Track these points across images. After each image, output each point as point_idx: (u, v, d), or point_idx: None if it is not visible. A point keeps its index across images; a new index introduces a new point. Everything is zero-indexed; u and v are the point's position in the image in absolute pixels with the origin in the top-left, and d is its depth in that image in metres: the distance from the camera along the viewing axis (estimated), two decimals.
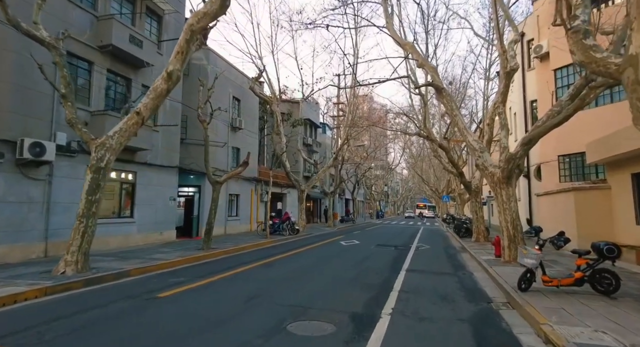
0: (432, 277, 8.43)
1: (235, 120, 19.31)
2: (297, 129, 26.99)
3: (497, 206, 10.11)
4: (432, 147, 19.03)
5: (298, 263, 10.28)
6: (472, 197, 17.07)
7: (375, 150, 44.17)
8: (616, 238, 10.19)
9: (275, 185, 24.96)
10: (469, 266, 10.17)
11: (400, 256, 11.96)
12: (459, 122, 11.28)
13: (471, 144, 10.87)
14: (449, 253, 13.21)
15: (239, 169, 13.09)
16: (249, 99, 21.30)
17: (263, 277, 8.09)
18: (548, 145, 14.37)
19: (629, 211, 9.93)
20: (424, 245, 15.86)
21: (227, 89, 19.15)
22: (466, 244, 15.00)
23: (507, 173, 9.77)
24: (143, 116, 8.05)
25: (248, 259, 10.77)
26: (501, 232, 10.00)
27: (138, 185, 12.98)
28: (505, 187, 9.90)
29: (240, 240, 15.48)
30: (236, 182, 19.72)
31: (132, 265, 8.65)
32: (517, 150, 9.58)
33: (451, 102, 11.48)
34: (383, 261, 10.92)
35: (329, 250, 13.60)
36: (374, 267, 9.61)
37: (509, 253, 9.63)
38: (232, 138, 19.44)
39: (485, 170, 10.41)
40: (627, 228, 10.13)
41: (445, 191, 42.32)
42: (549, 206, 14.04)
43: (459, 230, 19.71)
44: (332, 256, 12.04)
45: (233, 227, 19.26)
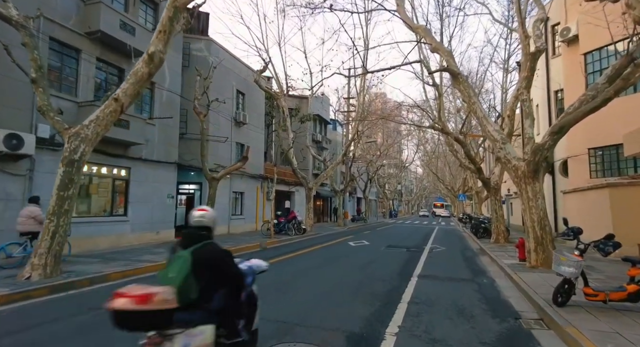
0: (447, 285, 7.37)
1: (239, 114, 18.51)
2: (306, 125, 26.07)
3: (522, 204, 8.95)
4: (447, 142, 17.84)
5: (297, 267, 9.35)
6: (490, 195, 15.83)
7: (389, 148, 42.98)
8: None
9: (283, 183, 24.15)
10: (489, 271, 9.04)
11: (412, 259, 10.90)
12: (478, 110, 10.14)
13: (491, 135, 9.73)
14: (466, 256, 12.07)
15: (238, 164, 12.25)
16: (255, 93, 20.48)
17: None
18: (576, 138, 13.06)
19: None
20: (438, 246, 14.72)
21: (230, 82, 18.36)
22: (485, 246, 13.81)
23: (533, 166, 8.61)
24: (122, 103, 7.24)
25: None
26: (526, 234, 8.85)
27: (132, 182, 12.27)
28: (531, 183, 8.74)
29: (241, 240, 14.65)
30: (240, 179, 18.94)
31: (114, 268, 7.87)
32: (545, 141, 8.41)
33: (468, 88, 10.34)
34: (393, 264, 9.89)
35: (334, 251, 12.63)
36: (382, 273, 8.59)
37: (535, 257, 8.48)
38: (236, 133, 18.64)
39: (508, 164, 9.25)
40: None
41: (461, 190, 40.78)
42: (577, 205, 12.73)
43: (476, 230, 18.45)
44: (336, 258, 11.06)
45: (237, 226, 18.47)
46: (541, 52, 9.44)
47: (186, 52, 16.38)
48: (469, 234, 20.92)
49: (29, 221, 7.85)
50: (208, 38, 17.19)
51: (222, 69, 17.75)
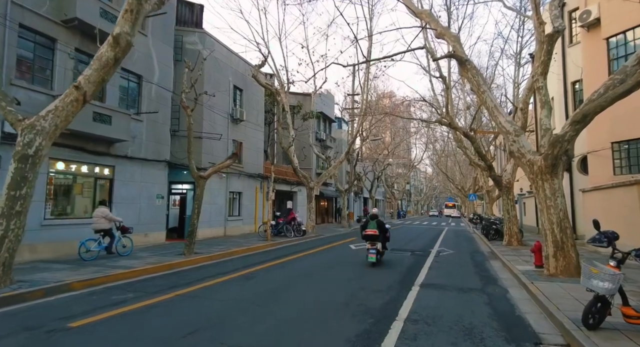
0: (453, 297, 6.41)
1: (236, 110, 17.72)
2: (309, 123, 25.26)
3: (538, 203, 7.93)
4: (456, 138, 16.80)
5: (286, 274, 8.47)
6: (502, 194, 14.75)
7: (397, 147, 41.87)
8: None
9: (284, 182, 23.33)
10: (501, 279, 8.04)
11: (415, 265, 9.93)
12: (488, 100, 9.14)
13: (503, 127, 8.72)
14: (476, 261, 11.05)
15: (227, 162, 11.41)
16: (253, 89, 19.69)
17: (228, 295, 6.32)
18: (597, 132, 11.94)
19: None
20: (446, 249, 13.70)
21: (226, 77, 17.59)
22: (496, 249, 12.75)
23: (551, 161, 7.59)
24: (84, 91, 6.45)
25: (230, 267, 9.05)
26: (543, 237, 7.83)
27: (117, 181, 11.54)
28: (549, 179, 7.72)
29: (235, 243, 13.84)
30: (238, 178, 18.16)
31: (81, 276, 7.09)
32: (565, 131, 7.38)
33: (477, 76, 9.35)
34: (393, 271, 8.94)
35: (332, 256, 11.73)
36: (380, 281, 7.66)
37: (555, 264, 7.45)
38: (233, 130, 17.86)
39: (522, 158, 8.24)
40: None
41: (472, 189, 39.48)
42: (600, 204, 11.61)
43: (487, 232, 17.37)
44: (333, 263, 10.15)
45: (234, 228, 17.69)
46: (559, 32, 8.39)
47: (178, 45, 15.65)
48: (479, 236, 19.81)
49: (101, 220, 9.45)
50: (202, 31, 16.44)
51: (218, 64, 17.02)
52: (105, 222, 9.49)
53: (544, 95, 8.86)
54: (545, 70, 8.85)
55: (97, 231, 9.42)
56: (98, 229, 9.43)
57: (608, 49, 11.59)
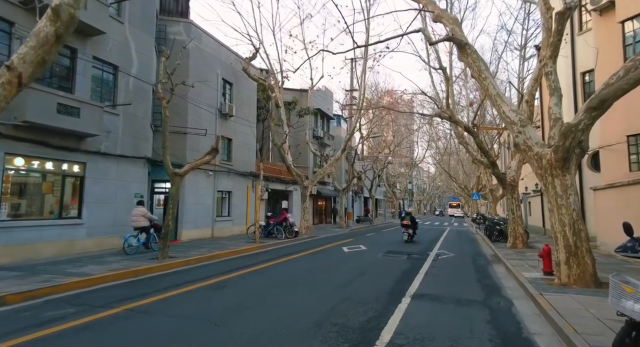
0: (448, 312, 5.47)
1: (225, 105, 16.84)
2: (305, 120, 24.34)
3: (547, 202, 6.97)
4: (456, 132, 15.81)
5: (264, 281, 7.56)
6: (506, 193, 13.76)
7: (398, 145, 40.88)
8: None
9: (280, 181, 22.44)
10: (506, 288, 7.08)
11: (411, 270, 8.99)
12: (490, 87, 8.19)
13: (507, 116, 7.76)
14: (478, 265, 10.09)
15: (206, 158, 10.51)
16: (245, 83, 18.81)
17: (185, 310, 5.41)
18: (611, 124, 10.93)
19: None
20: (446, 252, 12.74)
21: (214, 70, 16.71)
22: (500, 252, 11.78)
23: (562, 153, 6.62)
24: (19, 73, 5.54)
25: (203, 274, 8.15)
26: (554, 240, 6.87)
27: (88, 179, 10.68)
28: (560, 175, 6.76)
29: (220, 245, 12.95)
30: (227, 177, 17.28)
31: (23, 286, 6.22)
32: (579, 119, 6.42)
33: (478, 60, 8.39)
34: (385, 278, 8.00)
35: (321, 260, 10.81)
36: (368, 291, 6.73)
37: (567, 272, 6.49)
38: (222, 127, 16.98)
39: (529, 152, 7.29)
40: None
41: (475, 188, 38.41)
42: (614, 204, 10.61)
43: (490, 232, 16.39)
44: (319, 269, 9.23)
45: (224, 229, 16.82)
46: (572, 9, 7.42)
47: (162, 35, 14.80)
48: (482, 237, 18.82)
49: (140, 219, 10.39)
50: (187, 20, 15.58)
51: (205, 56, 16.16)
52: (144, 221, 10.46)
53: (553, 81, 7.89)
54: (555, 53, 7.88)
55: (136, 229, 10.43)
56: (137, 226, 10.41)
57: (623, 34, 10.57)
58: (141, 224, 10.41)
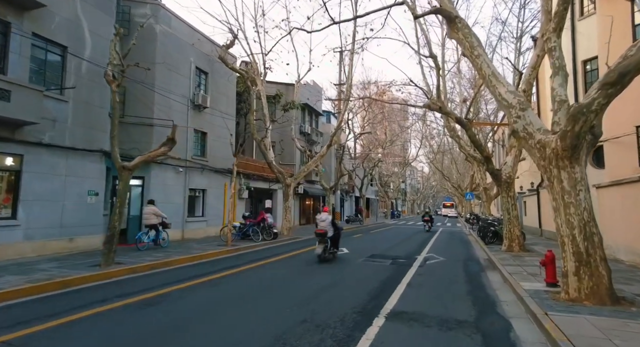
0: (430, 338, 4.25)
1: (198, 96, 15.51)
2: (291, 115, 23.10)
3: (553, 200, 5.78)
4: (447, 126, 14.69)
5: (213, 295, 6.29)
6: (501, 191, 12.62)
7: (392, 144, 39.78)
8: None
9: (262, 179, 21.15)
10: (502, 304, 5.88)
11: (392, 279, 7.78)
12: (484, 66, 7.00)
13: (504, 99, 6.58)
14: (470, 273, 8.90)
15: (161, 150, 9.23)
16: (223, 74, 17.48)
17: (79, 343, 4.14)
18: (616, 114, 9.76)
19: None
20: (435, 256, 11.55)
21: (187, 57, 15.39)
22: (495, 256, 10.63)
23: (571, 140, 5.43)
24: None
25: (145, 285, 6.87)
26: (560, 245, 5.69)
27: (26, 173, 9.32)
28: (568, 167, 5.58)
29: (186, 249, 11.66)
30: (201, 173, 15.96)
31: None
32: (592, 98, 5.22)
33: (470, 36, 7.20)
34: (359, 289, 6.77)
35: (293, 266, 9.56)
36: (335, 306, 5.49)
37: (577, 285, 5.30)
38: (195, 119, 15.67)
39: (530, 140, 6.10)
40: None
41: (469, 188, 37.42)
42: (620, 203, 9.50)
43: (484, 234, 15.24)
44: (287, 277, 7.98)
45: (197, 230, 15.49)
46: None
47: (125, 17, 13.46)
48: (475, 238, 17.69)
49: (152, 217, 11.20)
50: (156, 2, 14.23)
51: (177, 41, 14.84)
52: (155, 219, 11.28)
53: (557, 58, 6.71)
54: (560, 26, 6.70)
55: (147, 226, 11.24)
56: (148, 224, 11.24)
57: (632, 12, 9.46)
58: (152, 222, 11.20)
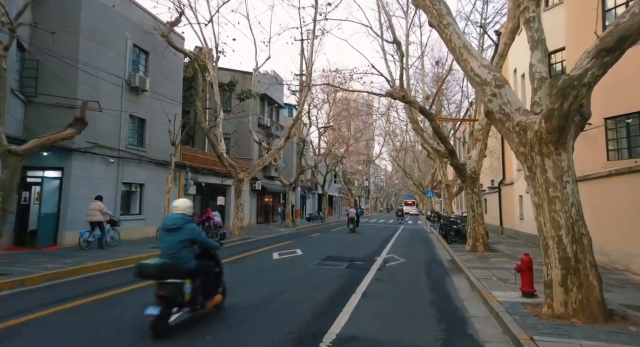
0: None
1: (135, 77, 13.57)
2: (249, 105, 21.44)
3: (534, 195, 4.79)
4: (410, 117, 13.83)
5: (95, 321, 4.76)
6: (466, 187, 11.87)
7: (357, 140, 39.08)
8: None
9: (214, 174, 19.38)
10: (474, 321, 4.81)
11: (345, 288, 6.58)
12: (454, 36, 5.94)
13: (477, 75, 5.54)
14: (434, 277, 7.90)
15: (67, 132, 7.47)
16: (168, 55, 15.56)
17: None
18: None
19: None
20: (396, 257, 10.56)
21: (122, 32, 13.40)
22: (459, 257, 9.78)
23: (559, 121, 4.44)
24: None
25: (14, 308, 5.20)
26: (543, 249, 4.70)
27: None
28: (553, 153, 4.61)
29: (110, 252, 9.87)
30: (138, 166, 14.04)
31: None
32: (584, 69, 4.24)
33: (438, 3, 6.13)
34: (303, 304, 5.50)
35: (232, 272, 8.12)
36: (263, 335, 4.17)
37: (564, 298, 4.32)
38: (131, 103, 13.72)
39: (507, 122, 5.09)
40: None
41: (430, 185, 37.47)
42: (588, 200, 8.83)
43: (446, 233, 14.54)
44: None
45: (132, 230, 13.55)
46: None
47: None
48: (437, 237, 17.06)
49: (96, 213, 10.44)
50: None
51: (108, 12, 12.82)
52: (100, 216, 10.47)
53: (536, 30, 5.80)
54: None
55: (91, 223, 10.37)
56: (92, 221, 10.35)
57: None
58: (96, 219, 10.39)
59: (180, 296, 4.03)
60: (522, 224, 15.25)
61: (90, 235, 10.31)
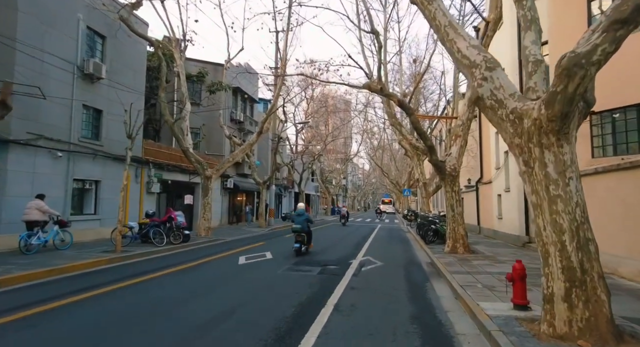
0: None
1: (88, 63, 12.26)
2: (220, 98, 20.30)
3: (532, 193, 4.13)
4: (388, 112, 13.21)
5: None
6: (445, 185, 11.32)
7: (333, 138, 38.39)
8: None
9: (180, 171, 18.14)
10: (461, 340, 4.10)
11: (316, 298, 5.78)
12: (438, 13, 5.25)
13: (465, 57, 4.85)
14: (413, 283, 7.21)
15: None
16: (130, 42, 14.31)
17: None
18: None
19: None
20: (372, 260, 9.86)
21: (73, 12, 12.07)
22: (439, 260, 9.18)
23: (562, 106, 3.78)
24: None
25: None
26: (543, 257, 4.01)
27: None
28: (554, 145, 3.97)
29: (50, 258, 8.66)
30: (93, 160, 12.74)
31: None
32: (593, 45, 3.59)
33: None
34: (264, 322, 4.64)
35: (190, 280, 7.18)
36: None
37: (568, 315, 3.66)
38: (85, 91, 12.41)
39: (500, 109, 4.41)
40: None
41: (407, 184, 37.32)
42: None
43: (424, 233, 14.00)
44: (168, 303, 5.58)
45: (85, 231, 12.26)
46: None
47: None
48: (414, 236, 16.57)
49: (33, 212, 9.33)
50: None
51: None
52: (36, 214, 9.40)
53: (529, 9, 5.14)
54: None
55: (27, 223, 9.31)
56: (27, 220, 9.32)
57: None
58: (31, 218, 9.30)
59: (304, 240, 10.32)
60: (500, 224, 14.93)
61: (35, 237, 9.26)
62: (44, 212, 9.56)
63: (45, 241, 9.60)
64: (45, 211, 9.59)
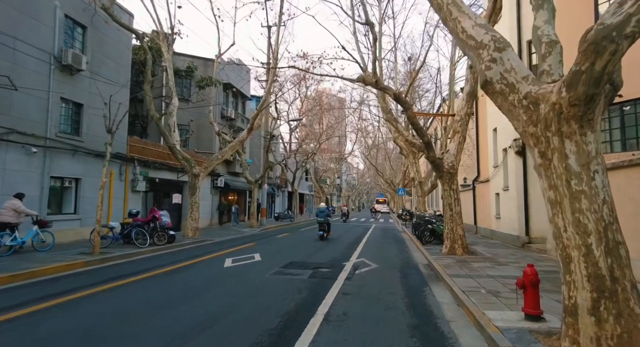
0: None
1: (66, 53, 11.56)
2: (210, 94, 19.65)
3: (549, 189, 3.60)
4: (383, 107, 12.70)
5: None
6: (443, 183, 10.83)
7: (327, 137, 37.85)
8: None
9: (168, 168, 17.47)
10: None
11: (304, 306, 5.23)
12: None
13: (471, 37, 4.32)
14: (411, 289, 6.68)
15: None
16: (113, 33, 13.66)
17: None
18: None
19: None
20: (367, 262, 9.32)
21: (50, 1, 11.37)
22: (437, 261, 8.67)
23: (587, 89, 3.25)
24: None
25: None
26: (563, 262, 3.49)
27: None
28: (577, 133, 3.44)
29: (18, 261, 8.01)
30: (73, 157, 12.06)
31: None
32: (626, 14, 3.08)
33: None
34: (244, 337, 4.08)
35: (171, 285, 6.59)
36: None
37: (595, 330, 3.13)
38: (63, 84, 11.73)
39: (511, 94, 3.88)
40: None
41: (401, 183, 36.91)
42: None
43: (421, 233, 13.51)
44: (145, 310, 4.99)
45: (64, 232, 11.55)
46: None
47: None
48: (410, 236, 16.08)
49: (8, 212, 8.85)
50: None
51: None
52: (12, 215, 8.91)
53: None
54: None
55: (2, 224, 8.82)
56: (1, 221, 8.82)
57: None
58: (5, 219, 8.80)
59: (325, 229, 15.12)
60: (498, 224, 14.50)
61: (10, 239, 8.81)
62: (20, 212, 9.06)
63: (23, 242, 9.11)
64: (21, 212, 9.10)
